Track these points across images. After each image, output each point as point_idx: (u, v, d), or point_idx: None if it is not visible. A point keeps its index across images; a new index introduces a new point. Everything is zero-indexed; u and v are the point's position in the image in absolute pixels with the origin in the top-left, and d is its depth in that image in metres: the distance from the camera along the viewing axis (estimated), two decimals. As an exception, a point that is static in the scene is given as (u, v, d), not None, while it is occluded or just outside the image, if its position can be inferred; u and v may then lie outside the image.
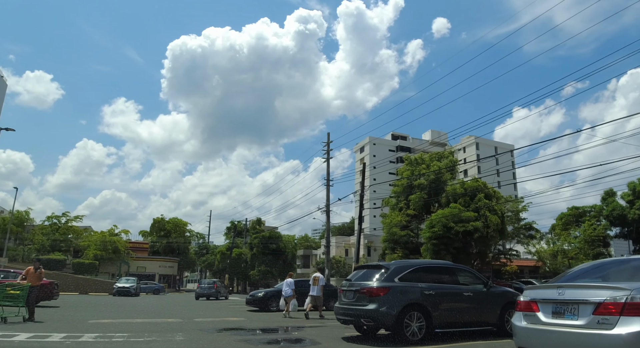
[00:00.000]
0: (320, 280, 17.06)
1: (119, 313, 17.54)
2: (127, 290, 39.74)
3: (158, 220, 76.30)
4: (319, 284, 16.94)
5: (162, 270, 66.86)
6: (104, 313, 17.30)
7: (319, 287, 16.86)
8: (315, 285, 17.01)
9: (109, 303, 25.33)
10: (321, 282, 17.01)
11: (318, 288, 16.84)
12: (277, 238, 54.26)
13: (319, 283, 16.95)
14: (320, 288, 16.85)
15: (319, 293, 16.81)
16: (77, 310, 18.03)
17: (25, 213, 63.91)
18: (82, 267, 54.98)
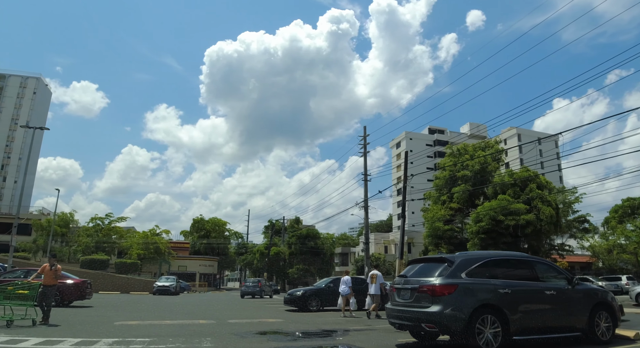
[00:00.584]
0: (379, 277, 15.92)
1: (151, 313, 16.34)
2: (166, 288, 39.07)
3: (197, 220, 76.21)
4: (377, 282, 15.80)
5: (203, 269, 66.48)
6: (136, 313, 16.13)
7: (377, 284, 15.76)
8: (373, 283, 15.88)
9: (145, 302, 24.37)
10: (379, 280, 15.84)
11: (377, 286, 15.74)
12: (315, 236, 52.80)
13: (377, 281, 15.80)
14: (379, 286, 15.73)
15: (377, 292, 15.68)
16: (109, 310, 16.94)
17: (70, 215, 64.90)
18: (124, 267, 55.02)
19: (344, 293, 16.13)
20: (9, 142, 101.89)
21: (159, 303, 23.29)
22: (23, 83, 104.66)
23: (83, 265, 53.59)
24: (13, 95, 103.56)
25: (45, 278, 11.57)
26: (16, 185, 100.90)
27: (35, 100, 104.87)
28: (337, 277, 19.65)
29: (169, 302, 24.88)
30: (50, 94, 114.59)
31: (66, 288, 18.17)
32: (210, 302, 27.11)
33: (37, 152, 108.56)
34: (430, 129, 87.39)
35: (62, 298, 18.04)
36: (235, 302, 27.83)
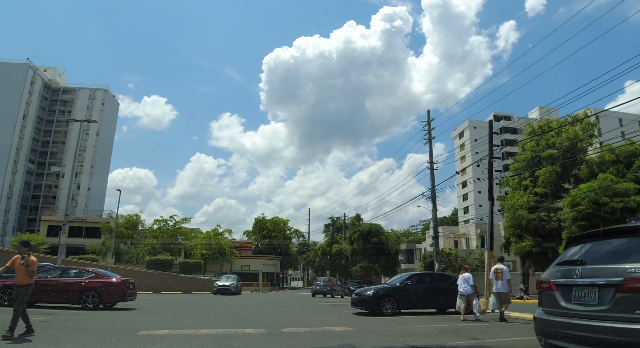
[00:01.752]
0: (505, 272, 12.97)
1: (194, 318, 13.38)
2: (226, 288, 36.74)
3: (259, 220, 74.41)
4: (503, 278, 12.92)
5: (265, 268, 64.38)
6: (176, 318, 13.21)
7: (504, 281, 12.89)
8: (498, 279, 12.99)
9: (198, 303, 21.71)
10: (506, 276, 12.90)
11: (504, 283, 12.89)
12: (378, 232, 48.99)
13: (503, 277, 12.92)
14: (507, 282, 12.85)
15: (505, 289, 12.84)
16: (147, 314, 14.17)
17: (136, 217, 64.90)
18: (187, 267, 53.77)
19: (466, 293, 13.28)
20: (81, 152, 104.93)
21: (212, 305, 20.51)
22: (92, 95, 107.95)
23: (148, 265, 52.85)
24: (83, 107, 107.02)
25: (16, 276, 8.15)
26: (89, 192, 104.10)
27: (104, 111, 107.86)
28: (414, 273, 15.98)
29: (224, 303, 22.08)
30: (118, 104, 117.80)
31: (103, 288, 15.67)
32: (270, 302, 24.10)
33: (108, 160, 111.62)
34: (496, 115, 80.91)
35: (100, 299, 15.54)
36: (298, 302, 24.68)
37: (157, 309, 16.88)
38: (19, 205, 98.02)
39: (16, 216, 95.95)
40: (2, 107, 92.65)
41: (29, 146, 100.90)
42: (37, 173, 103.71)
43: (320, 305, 21.00)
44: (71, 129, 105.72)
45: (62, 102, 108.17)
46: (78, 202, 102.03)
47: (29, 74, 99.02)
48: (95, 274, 16.15)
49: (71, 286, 15.67)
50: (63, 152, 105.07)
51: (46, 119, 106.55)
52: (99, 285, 15.73)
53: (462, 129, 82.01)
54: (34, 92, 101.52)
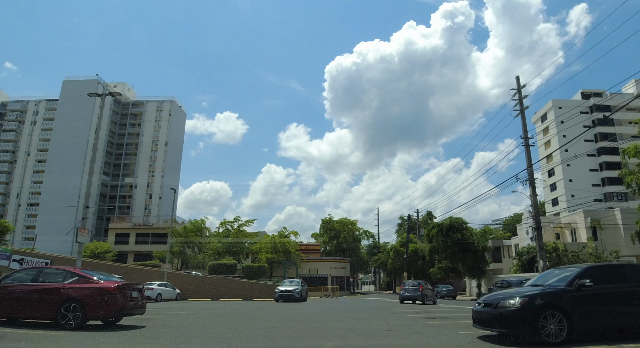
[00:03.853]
0: None
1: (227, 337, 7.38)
2: (289, 294, 30.96)
3: (326, 220, 68.58)
4: None
5: (334, 271, 58.37)
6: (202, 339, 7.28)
7: None
8: None
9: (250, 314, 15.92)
10: None
11: None
12: (460, 227, 41.36)
13: None
14: None
15: None
16: (151, 339, 8.37)
17: (201, 221, 61.43)
18: (251, 271, 48.91)
19: None
20: (152, 162, 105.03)
21: (264, 317, 14.59)
22: (159, 107, 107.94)
23: (211, 270, 48.62)
24: (152, 119, 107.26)
25: None
26: (161, 200, 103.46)
27: (172, 121, 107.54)
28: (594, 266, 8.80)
29: (280, 315, 16.09)
30: (185, 114, 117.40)
31: (89, 297, 10.25)
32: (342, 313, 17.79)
33: (178, 168, 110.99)
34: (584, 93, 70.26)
35: (85, 314, 10.09)
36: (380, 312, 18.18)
37: (176, 327, 11.13)
38: (95, 216, 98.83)
39: (93, 227, 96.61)
40: (76, 123, 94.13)
41: (102, 159, 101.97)
42: (112, 185, 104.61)
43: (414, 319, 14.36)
44: (142, 141, 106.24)
45: (132, 115, 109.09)
46: (151, 211, 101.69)
47: (99, 90, 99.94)
48: (80, 277, 10.69)
49: (45, 294, 10.39)
50: (135, 164, 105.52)
51: (118, 133, 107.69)
52: (83, 293, 10.28)
53: (545, 110, 71.77)
54: (105, 107, 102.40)
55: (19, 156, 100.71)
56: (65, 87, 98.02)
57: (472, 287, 48.54)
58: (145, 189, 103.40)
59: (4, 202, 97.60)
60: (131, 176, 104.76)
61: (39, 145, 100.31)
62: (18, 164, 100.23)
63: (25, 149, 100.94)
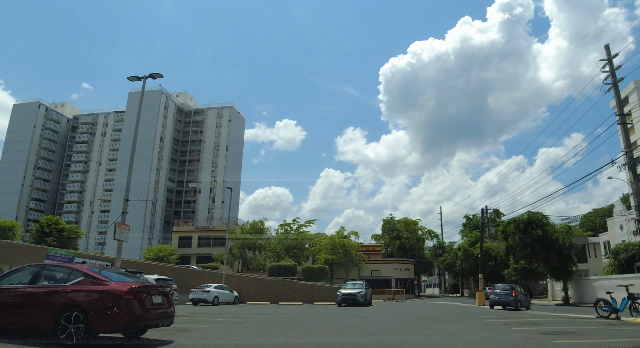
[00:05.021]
0: None
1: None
2: (353, 297, 27.73)
3: (387, 220, 64.73)
4: None
5: (398, 273, 54.47)
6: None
7: None
8: None
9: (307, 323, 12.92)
10: None
11: None
12: (541, 221, 36.29)
13: None
14: None
15: None
16: None
17: (260, 223, 59.78)
18: (311, 273, 46.18)
19: None
20: (214, 168, 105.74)
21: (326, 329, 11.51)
22: (219, 113, 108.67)
23: (271, 272, 46.45)
24: (212, 125, 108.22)
25: None
26: (223, 204, 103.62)
27: (231, 127, 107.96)
28: None
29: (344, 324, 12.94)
30: (243, 119, 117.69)
31: (93, 304, 7.66)
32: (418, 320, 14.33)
33: (239, 173, 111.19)
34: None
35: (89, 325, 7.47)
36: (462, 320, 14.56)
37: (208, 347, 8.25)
38: (162, 221, 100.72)
39: (160, 232, 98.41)
40: (142, 132, 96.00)
41: (167, 166, 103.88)
42: (177, 190, 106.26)
43: (529, 335, 10.68)
44: (203, 147, 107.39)
45: (194, 123, 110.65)
46: (214, 215, 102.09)
47: (162, 100, 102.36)
48: (86, 276, 8.07)
49: (43, 299, 7.90)
50: (198, 169, 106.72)
51: (181, 140, 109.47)
52: (88, 297, 7.65)
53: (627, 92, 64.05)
54: (169, 116, 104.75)
55: (91, 166, 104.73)
56: (131, 98, 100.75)
57: (555, 290, 42.97)
58: (208, 194, 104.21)
59: (79, 210, 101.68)
60: (195, 181, 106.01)
61: (109, 154, 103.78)
62: (90, 173, 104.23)
63: (96, 159, 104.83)
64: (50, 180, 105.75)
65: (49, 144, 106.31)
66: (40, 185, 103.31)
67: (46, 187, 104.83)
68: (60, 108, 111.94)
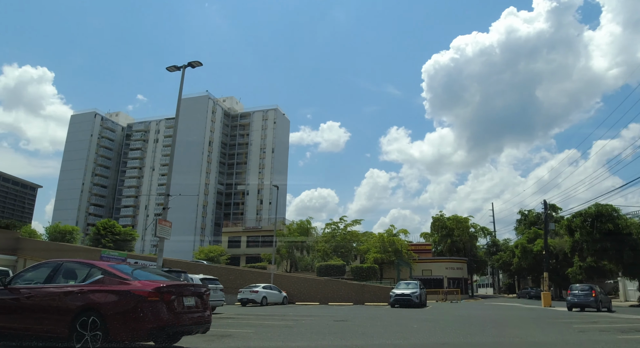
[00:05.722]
0: None
1: None
2: (407, 298, 25.73)
3: (437, 218, 61.77)
4: None
5: (450, 272, 51.69)
6: None
7: None
8: None
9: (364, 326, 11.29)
10: None
11: None
12: (611, 215, 32.74)
13: None
14: None
15: None
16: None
17: (307, 222, 58.66)
18: (361, 272, 44.44)
19: None
20: (261, 169, 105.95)
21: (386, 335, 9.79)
22: (264, 116, 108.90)
23: (319, 272, 45.09)
24: (258, 128, 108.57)
25: None
26: (271, 205, 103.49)
27: (277, 129, 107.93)
28: None
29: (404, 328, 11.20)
30: (288, 121, 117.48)
31: (113, 307, 6.39)
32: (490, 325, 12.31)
33: (285, 174, 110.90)
34: None
35: (107, 333, 6.17)
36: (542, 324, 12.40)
37: None
38: (212, 222, 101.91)
39: (211, 233, 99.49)
40: (191, 137, 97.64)
41: (216, 169, 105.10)
42: (226, 193, 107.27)
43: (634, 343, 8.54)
44: (250, 150, 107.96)
45: (240, 126, 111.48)
46: (262, 216, 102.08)
47: (210, 105, 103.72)
48: (106, 274, 6.80)
49: (57, 301, 6.70)
50: (245, 172, 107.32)
51: (229, 143, 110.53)
52: (105, 299, 6.35)
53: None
54: (216, 120, 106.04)
55: (145, 171, 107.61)
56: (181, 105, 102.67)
57: (628, 290, 39.03)
58: (255, 195, 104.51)
59: (134, 214, 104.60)
60: (243, 183, 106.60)
61: (161, 160, 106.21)
62: (145, 178, 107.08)
63: (150, 164, 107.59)
64: (107, 185, 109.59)
65: (105, 152, 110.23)
66: (98, 191, 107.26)
67: (103, 193, 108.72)
68: (115, 117, 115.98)
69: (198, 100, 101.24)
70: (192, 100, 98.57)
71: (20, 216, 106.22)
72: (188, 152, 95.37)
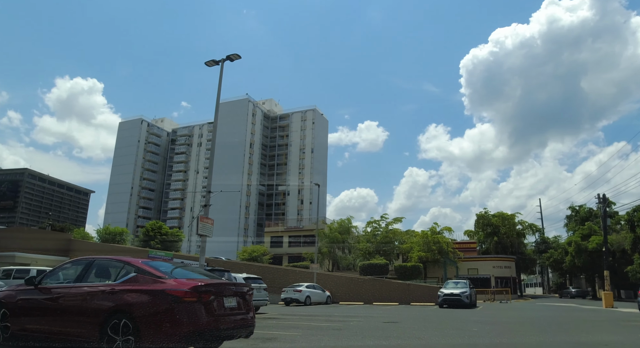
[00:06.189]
0: None
1: None
2: (457, 298, 24.31)
3: (481, 215, 59.14)
4: None
5: (498, 271, 49.28)
6: None
7: None
8: None
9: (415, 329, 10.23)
10: None
11: None
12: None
13: None
14: None
15: None
16: None
17: (347, 220, 57.60)
18: (405, 271, 42.99)
19: None
20: (301, 170, 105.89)
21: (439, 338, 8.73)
22: (303, 116, 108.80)
23: (362, 271, 43.94)
24: (297, 129, 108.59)
25: None
26: (311, 205, 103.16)
27: (315, 129, 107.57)
28: None
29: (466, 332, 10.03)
30: (327, 121, 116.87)
31: (144, 308, 5.68)
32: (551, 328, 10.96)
33: (324, 174, 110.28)
34: None
35: (139, 337, 5.46)
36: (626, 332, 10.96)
37: None
38: (255, 223, 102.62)
39: (254, 233, 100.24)
40: (233, 139, 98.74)
41: (258, 170, 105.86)
42: (267, 193, 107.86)
43: None
44: (290, 151, 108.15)
45: (280, 128, 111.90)
46: (303, 217, 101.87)
47: (250, 108, 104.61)
48: (139, 272, 6.13)
49: (86, 302, 6.08)
50: (286, 173, 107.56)
51: (269, 145, 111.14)
52: (137, 300, 5.66)
53: None
54: (256, 123, 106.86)
55: (190, 174, 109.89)
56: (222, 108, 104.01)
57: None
58: (296, 195, 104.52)
59: (180, 215, 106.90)
60: (283, 184, 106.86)
61: (204, 163, 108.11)
62: (190, 181, 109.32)
63: (194, 167, 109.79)
64: (154, 189, 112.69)
65: (152, 156, 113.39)
66: (146, 194, 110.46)
67: (151, 196, 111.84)
68: (160, 123, 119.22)
69: (238, 104, 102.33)
70: (232, 104, 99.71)
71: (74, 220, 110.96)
72: (230, 154, 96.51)
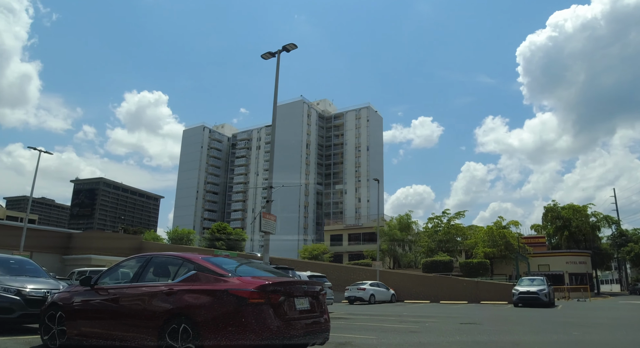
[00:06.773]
0: None
1: None
2: (534, 296, 22.28)
3: (550, 208, 55.02)
4: None
5: (571, 267, 45.51)
6: None
7: None
8: None
9: (514, 334, 8.94)
10: None
11: None
12: None
13: None
14: None
15: None
16: None
17: (407, 216, 55.73)
18: (470, 268, 40.70)
19: None
20: (357, 168, 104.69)
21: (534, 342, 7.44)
22: (357, 114, 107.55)
23: (424, 268, 42.24)
24: (352, 127, 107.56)
25: None
26: (369, 203, 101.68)
27: (370, 127, 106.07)
28: None
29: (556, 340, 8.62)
30: (381, 118, 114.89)
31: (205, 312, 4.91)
32: None
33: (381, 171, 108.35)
34: None
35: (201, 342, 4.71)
36: None
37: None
38: (314, 222, 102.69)
39: (313, 232, 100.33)
40: (289, 141, 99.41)
41: (315, 170, 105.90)
42: (325, 193, 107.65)
43: None
44: (346, 150, 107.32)
45: (335, 127, 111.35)
46: (361, 215, 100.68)
47: (304, 109, 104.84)
48: (200, 269, 5.42)
49: (141, 304, 5.45)
50: (342, 171, 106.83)
51: (325, 145, 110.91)
52: (196, 301, 4.94)
53: None
54: (312, 123, 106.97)
55: (250, 177, 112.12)
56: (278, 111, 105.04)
57: None
58: (353, 194, 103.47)
59: (243, 217, 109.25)
60: (340, 183, 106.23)
61: (264, 165, 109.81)
62: (250, 183, 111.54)
63: (254, 169, 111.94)
64: (218, 192, 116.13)
65: (214, 161, 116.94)
66: (210, 197, 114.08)
67: (215, 199, 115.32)
68: (221, 129, 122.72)
69: (293, 106, 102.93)
70: (287, 106, 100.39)
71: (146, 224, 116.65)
72: (287, 155, 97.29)
